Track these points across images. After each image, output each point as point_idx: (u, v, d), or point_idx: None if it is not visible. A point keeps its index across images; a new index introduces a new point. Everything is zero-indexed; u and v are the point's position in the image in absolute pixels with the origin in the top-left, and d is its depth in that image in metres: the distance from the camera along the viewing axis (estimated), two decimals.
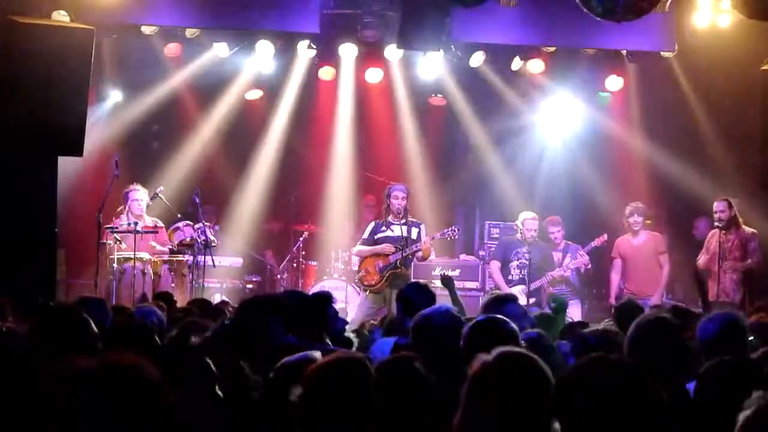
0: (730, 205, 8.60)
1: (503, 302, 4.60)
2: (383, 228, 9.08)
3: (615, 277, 9.38)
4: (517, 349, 2.57)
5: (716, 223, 8.56)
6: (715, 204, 8.66)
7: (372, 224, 9.26)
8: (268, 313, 4.13)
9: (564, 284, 9.36)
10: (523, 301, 8.73)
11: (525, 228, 9.26)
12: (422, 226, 9.15)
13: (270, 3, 9.13)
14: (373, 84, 10.92)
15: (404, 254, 8.85)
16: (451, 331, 3.71)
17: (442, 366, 3.24)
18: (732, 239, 8.58)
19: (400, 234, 8.94)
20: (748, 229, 8.68)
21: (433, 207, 11.23)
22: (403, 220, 9.02)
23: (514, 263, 9.29)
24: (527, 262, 9.11)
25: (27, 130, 7.57)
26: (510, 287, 9.08)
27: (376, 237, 9.10)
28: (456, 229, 9.33)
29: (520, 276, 9.21)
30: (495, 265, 9.40)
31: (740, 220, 8.65)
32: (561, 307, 6.57)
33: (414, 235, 9.01)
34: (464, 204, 11.72)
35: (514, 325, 3.60)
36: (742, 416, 2.11)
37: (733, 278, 8.54)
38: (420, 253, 8.94)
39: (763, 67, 8.43)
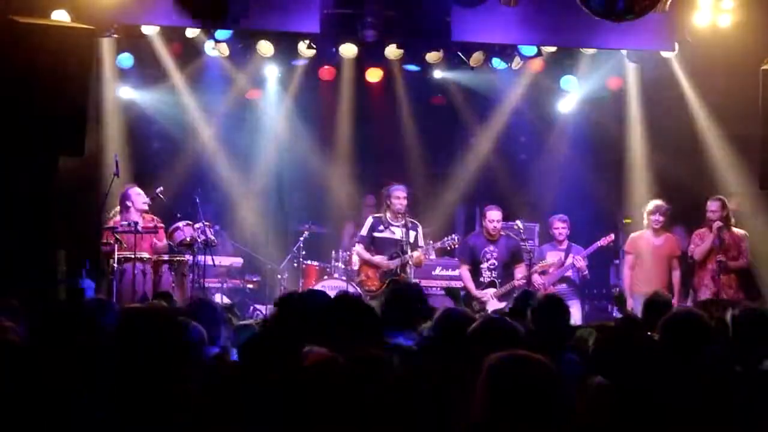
0: (723, 205, 8.64)
1: None
2: (381, 227, 9.09)
3: (629, 273, 9.12)
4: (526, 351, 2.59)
5: (713, 223, 8.57)
6: (708, 203, 8.67)
7: (370, 220, 9.25)
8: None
9: (565, 283, 9.34)
10: (495, 305, 8.71)
11: (488, 221, 9.14)
12: (419, 229, 9.14)
13: (270, 3, 9.12)
14: (373, 84, 10.92)
15: (403, 262, 8.89)
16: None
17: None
18: (726, 238, 8.59)
19: (400, 237, 8.95)
20: (739, 231, 8.70)
21: (434, 207, 11.24)
22: (402, 221, 9.02)
23: (484, 265, 9.08)
24: (496, 263, 9.05)
25: (27, 130, 7.57)
26: (482, 290, 9.02)
27: (374, 235, 9.11)
28: (455, 238, 9.29)
29: (491, 278, 9.07)
30: (464, 269, 9.18)
31: (732, 220, 8.68)
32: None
33: (411, 239, 9.02)
34: (464, 204, 11.72)
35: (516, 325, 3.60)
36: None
37: (728, 276, 8.56)
38: (413, 260, 8.96)
39: (763, 67, 8.43)
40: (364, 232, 9.22)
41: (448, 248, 9.33)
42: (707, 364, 3.33)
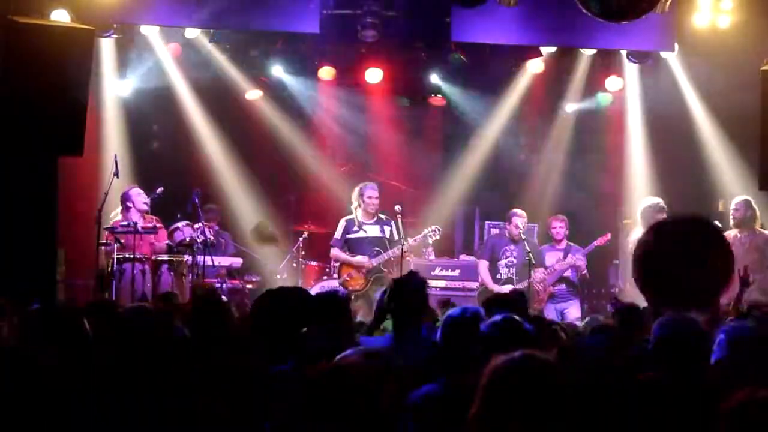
0: (746, 205, 8.49)
1: None
2: (355, 228, 9.13)
3: None
4: (536, 352, 2.57)
5: (732, 219, 8.49)
6: (733, 201, 8.63)
7: (343, 223, 9.29)
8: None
9: (564, 283, 9.36)
10: None
11: (512, 225, 9.26)
12: (393, 223, 9.18)
13: (270, 3, 9.13)
14: (373, 84, 10.92)
15: (386, 258, 8.91)
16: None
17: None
18: (745, 240, 8.43)
19: (377, 235, 9.00)
20: (765, 231, 8.55)
21: (433, 207, 11.24)
22: (374, 219, 9.09)
23: (503, 262, 9.28)
24: (515, 261, 9.14)
25: (27, 130, 7.57)
26: (499, 286, 9.10)
27: (348, 237, 9.15)
28: (436, 229, 9.35)
29: (509, 275, 9.22)
30: (483, 265, 9.35)
31: (757, 221, 8.52)
32: None
33: (388, 234, 9.09)
34: (464, 204, 11.72)
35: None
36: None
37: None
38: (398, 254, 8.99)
39: (763, 67, 8.42)
40: (337, 235, 9.27)
41: (430, 240, 9.38)
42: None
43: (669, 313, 3.77)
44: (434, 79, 10.97)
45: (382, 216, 9.21)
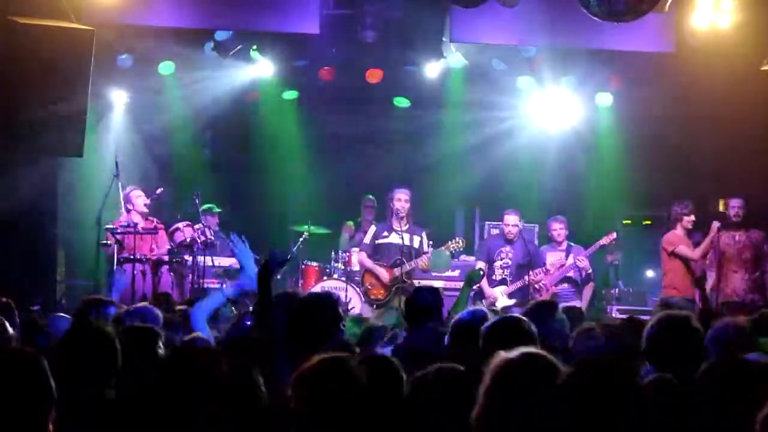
0: (745, 204, 8.61)
1: None
2: (385, 233, 9.04)
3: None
4: (538, 350, 2.58)
5: (734, 219, 8.54)
6: (732, 200, 8.65)
7: (373, 228, 9.24)
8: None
9: (567, 284, 9.35)
10: (504, 302, 8.80)
11: (504, 224, 9.26)
12: (424, 234, 9.11)
13: (270, 3, 9.13)
14: (372, 84, 10.91)
15: (409, 268, 8.82)
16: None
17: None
18: (743, 240, 8.56)
19: (402, 242, 8.89)
20: (756, 230, 8.66)
21: (433, 207, 11.23)
22: (406, 226, 8.97)
23: (498, 263, 9.25)
24: (510, 262, 9.14)
25: (27, 131, 7.57)
26: (493, 287, 9.09)
27: (377, 242, 9.06)
28: (459, 240, 9.28)
29: (503, 276, 9.21)
30: (479, 267, 9.32)
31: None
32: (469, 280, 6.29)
33: (416, 244, 8.96)
34: (464, 204, 11.71)
35: (533, 327, 3.56)
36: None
37: (744, 278, 8.53)
38: (420, 266, 8.94)
39: (763, 68, 8.43)
40: (367, 240, 9.17)
41: (453, 251, 9.33)
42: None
43: (664, 312, 3.79)
44: (433, 79, 10.96)
45: (414, 224, 9.11)
